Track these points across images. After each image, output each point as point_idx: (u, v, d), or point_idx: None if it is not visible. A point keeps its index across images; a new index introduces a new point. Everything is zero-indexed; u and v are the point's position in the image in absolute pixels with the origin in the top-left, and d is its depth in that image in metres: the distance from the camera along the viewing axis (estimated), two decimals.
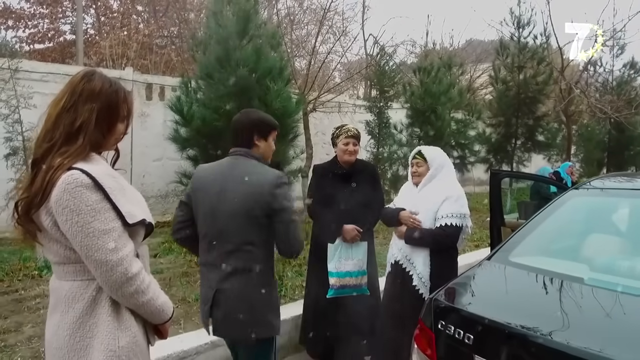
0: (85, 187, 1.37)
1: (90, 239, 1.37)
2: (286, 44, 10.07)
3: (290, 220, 2.10)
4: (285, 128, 5.69)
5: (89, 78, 1.50)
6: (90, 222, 1.37)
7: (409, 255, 2.97)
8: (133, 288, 1.43)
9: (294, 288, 4.75)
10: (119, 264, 1.40)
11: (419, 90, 9.82)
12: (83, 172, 1.38)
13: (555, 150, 12.33)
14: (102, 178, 1.42)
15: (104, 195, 1.41)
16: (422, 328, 1.96)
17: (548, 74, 11.10)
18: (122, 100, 1.56)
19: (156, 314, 1.54)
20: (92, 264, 1.39)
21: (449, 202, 2.88)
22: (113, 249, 1.39)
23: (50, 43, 16.56)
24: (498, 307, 1.89)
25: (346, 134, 3.33)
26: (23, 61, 6.60)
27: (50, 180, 1.37)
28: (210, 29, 5.50)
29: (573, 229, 2.65)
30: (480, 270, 2.30)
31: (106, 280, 1.40)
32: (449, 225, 2.84)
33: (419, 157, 3.09)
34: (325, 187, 3.33)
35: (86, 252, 1.38)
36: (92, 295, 1.44)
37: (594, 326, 1.69)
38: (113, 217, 1.42)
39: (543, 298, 1.96)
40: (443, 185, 2.99)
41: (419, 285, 2.90)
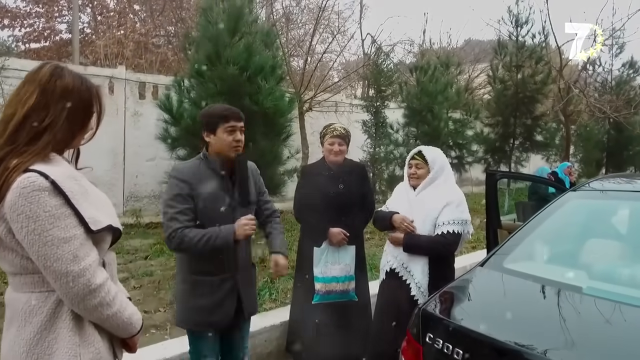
0: (43, 191, 1.26)
1: (48, 248, 1.26)
2: (282, 43, 9.95)
3: (161, 211, 2.28)
4: (277, 127, 5.57)
5: (59, 74, 1.39)
6: (48, 229, 1.26)
7: (405, 263, 2.80)
8: (97, 300, 1.33)
9: (285, 291, 4.65)
10: (80, 275, 1.29)
11: (416, 89, 9.73)
12: (41, 174, 1.27)
13: (553, 150, 12.27)
14: (63, 181, 1.30)
15: (65, 200, 1.29)
16: (410, 340, 1.84)
17: (546, 73, 11.03)
18: (94, 97, 1.46)
19: (123, 328, 1.44)
20: (51, 275, 1.28)
21: (449, 208, 2.72)
22: (74, 259, 1.28)
23: (46, 42, 16.45)
24: (490, 320, 1.77)
25: (332, 133, 3.20)
26: (11, 59, 6.48)
27: (5, 183, 1.26)
28: (201, 26, 5.39)
29: (571, 233, 2.54)
30: (473, 277, 2.18)
31: (67, 293, 1.30)
32: (450, 232, 2.68)
33: (419, 158, 2.89)
34: (312, 189, 3.21)
35: (44, 262, 1.27)
36: (52, 309, 1.33)
37: (594, 343, 1.57)
38: (74, 224, 1.31)
39: (539, 310, 1.84)
40: (443, 189, 2.82)
41: (418, 294, 2.73)
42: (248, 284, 2.42)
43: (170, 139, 5.43)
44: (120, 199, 8.24)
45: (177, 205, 2.17)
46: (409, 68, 10.93)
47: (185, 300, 2.34)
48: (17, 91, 1.38)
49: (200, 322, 2.31)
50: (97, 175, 7.78)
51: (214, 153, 2.27)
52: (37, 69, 1.40)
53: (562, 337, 1.61)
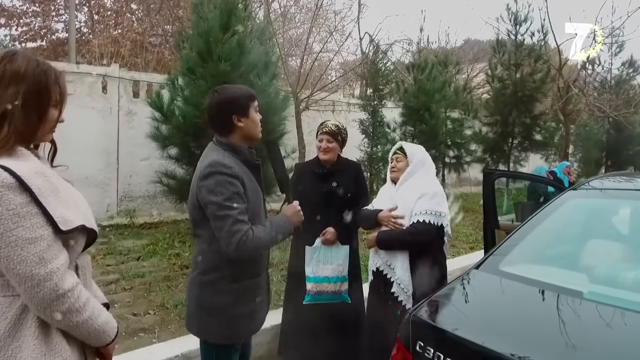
0: (8, 187, 1.18)
1: (12, 249, 1.17)
2: (278, 41, 9.86)
3: (216, 215, 1.85)
4: (271, 125, 5.47)
5: (10, 58, 1.29)
6: (12, 229, 1.17)
7: (388, 260, 2.76)
8: (65, 307, 1.24)
9: (279, 293, 4.55)
10: (47, 279, 1.20)
11: (413, 87, 9.64)
12: (6, 169, 1.19)
13: (552, 149, 12.18)
14: (30, 177, 1.21)
15: (31, 198, 1.21)
16: (399, 348, 1.73)
17: (545, 72, 10.94)
18: (52, 82, 1.34)
19: (95, 336, 1.34)
20: (15, 278, 1.20)
21: (424, 198, 2.71)
22: (40, 261, 1.20)
23: (42, 41, 16.35)
24: (485, 328, 1.66)
25: (321, 130, 3.13)
26: None
27: None
28: (193, 22, 5.29)
29: (570, 234, 2.44)
30: (467, 281, 2.06)
31: (31, 298, 1.21)
32: (420, 221, 2.64)
33: (400, 152, 2.94)
34: (304, 187, 3.11)
35: (7, 264, 1.18)
36: (16, 315, 1.24)
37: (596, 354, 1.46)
38: (41, 224, 1.22)
39: (537, 318, 1.72)
40: (421, 182, 2.82)
41: (398, 291, 2.68)
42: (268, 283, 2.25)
43: (162, 137, 5.32)
44: (114, 199, 8.12)
45: (239, 205, 1.88)
46: (407, 67, 10.83)
47: (226, 313, 1.99)
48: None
49: (243, 332, 2.09)
50: (91, 175, 7.68)
51: (241, 140, 2.02)
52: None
53: (562, 348, 1.50)
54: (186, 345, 3.07)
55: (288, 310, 3.32)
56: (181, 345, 3.11)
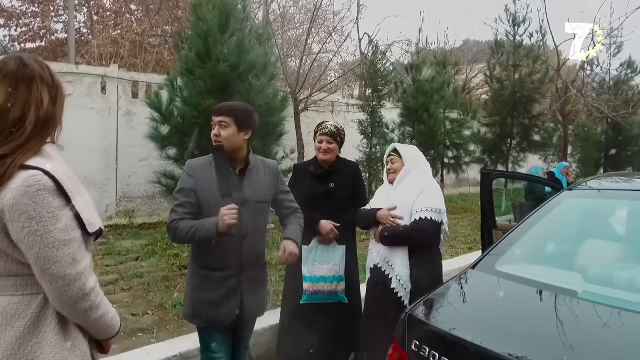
0: (48, 191, 1.24)
1: (49, 250, 1.23)
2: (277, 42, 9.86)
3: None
4: (270, 126, 5.48)
5: (25, 63, 1.35)
6: (51, 230, 1.23)
7: (387, 257, 2.79)
8: (87, 304, 1.31)
9: (277, 294, 4.55)
10: (77, 279, 1.27)
11: (412, 88, 9.65)
12: (45, 173, 1.25)
13: (551, 150, 12.18)
14: (65, 181, 1.28)
15: (66, 201, 1.28)
16: (396, 347, 1.74)
17: (544, 72, 10.96)
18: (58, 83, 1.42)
19: (104, 330, 1.42)
20: (48, 278, 1.25)
21: (424, 196, 2.75)
22: (72, 262, 1.27)
23: (42, 42, 16.34)
24: (480, 327, 1.67)
25: (321, 131, 3.15)
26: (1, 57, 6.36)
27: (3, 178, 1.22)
28: (192, 23, 5.29)
29: (566, 234, 2.45)
30: (463, 281, 2.07)
31: (60, 296, 1.27)
32: (422, 218, 2.69)
33: (394, 154, 2.98)
34: (303, 187, 3.12)
35: (43, 264, 1.23)
36: (36, 312, 1.29)
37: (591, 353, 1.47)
38: (74, 226, 1.30)
39: (533, 317, 1.73)
40: (418, 181, 2.86)
41: (398, 287, 2.71)
42: (255, 284, 2.38)
43: (161, 138, 5.33)
44: (113, 200, 8.13)
45: (180, 198, 2.27)
46: (405, 67, 10.83)
47: (193, 295, 2.34)
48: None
49: (206, 318, 2.31)
50: (90, 175, 7.67)
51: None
52: (3, 63, 1.35)
53: (557, 347, 1.51)
54: (185, 345, 3.09)
55: (286, 309, 3.33)
56: (180, 345, 3.12)
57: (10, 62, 1.35)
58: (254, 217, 2.33)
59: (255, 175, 2.38)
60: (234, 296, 2.29)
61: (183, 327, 3.73)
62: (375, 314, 2.82)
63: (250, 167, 2.37)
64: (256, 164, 2.42)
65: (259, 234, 2.38)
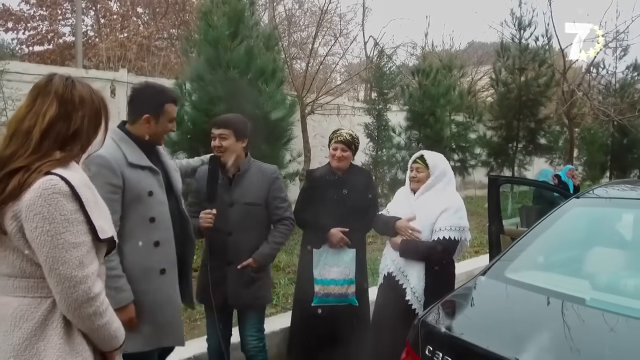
0: (63, 195, 1.31)
1: (58, 251, 1.29)
2: (284, 46, 9.93)
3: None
4: (278, 131, 5.55)
5: (73, 85, 1.45)
6: (61, 232, 1.30)
7: (402, 267, 2.79)
8: (92, 309, 1.35)
9: (286, 297, 4.61)
10: (82, 282, 1.32)
11: (418, 92, 9.68)
12: (62, 178, 1.32)
13: (557, 153, 12.17)
14: (80, 187, 1.36)
15: (80, 206, 1.34)
16: (409, 351, 1.80)
17: (550, 76, 10.94)
18: (102, 103, 1.52)
19: (108, 340, 1.45)
20: (55, 278, 1.31)
21: (447, 213, 2.70)
22: (80, 265, 1.32)
23: (49, 45, 16.49)
24: (492, 334, 1.73)
25: (336, 139, 3.20)
26: (11, 62, 6.47)
27: (25, 183, 1.30)
28: (202, 29, 5.36)
29: (574, 242, 2.49)
30: (474, 287, 2.13)
31: (66, 298, 1.32)
32: (446, 238, 2.66)
33: (420, 162, 2.90)
34: (316, 193, 3.19)
35: (51, 264, 1.30)
36: (44, 315, 1.34)
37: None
38: (85, 231, 1.36)
39: (541, 324, 1.79)
40: (442, 195, 2.80)
41: (412, 300, 2.72)
42: (243, 277, 2.66)
43: (171, 142, 5.40)
44: None
45: (189, 199, 2.69)
46: (411, 71, 10.86)
47: (198, 279, 2.80)
48: (31, 103, 1.41)
49: (201, 299, 2.76)
50: None
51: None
52: (47, 81, 1.44)
53: (566, 353, 1.57)
54: (197, 348, 3.14)
55: (296, 311, 3.38)
56: (193, 347, 3.17)
57: (55, 81, 1.44)
58: (242, 217, 2.63)
59: (246, 179, 2.67)
60: (222, 284, 2.64)
61: (195, 329, 3.79)
62: (385, 321, 2.84)
63: (241, 172, 2.65)
64: (250, 169, 2.70)
65: (248, 233, 2.65)
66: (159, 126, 2.18)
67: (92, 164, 1.99)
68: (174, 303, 2.24)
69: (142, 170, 2.11)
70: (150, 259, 2.11)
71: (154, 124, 2.16)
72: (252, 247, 2.68)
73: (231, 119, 2.70)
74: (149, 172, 2.13)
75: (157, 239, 2.11)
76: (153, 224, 2.10)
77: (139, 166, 2.10)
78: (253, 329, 2.82)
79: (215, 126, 2.63)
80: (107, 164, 2.00)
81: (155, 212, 2.11)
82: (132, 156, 2.09)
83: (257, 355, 2.85)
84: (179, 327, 2.28)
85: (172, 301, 2.22)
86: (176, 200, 2.29)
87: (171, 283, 2.21)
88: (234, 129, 2.60)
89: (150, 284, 2.12)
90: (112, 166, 2.01)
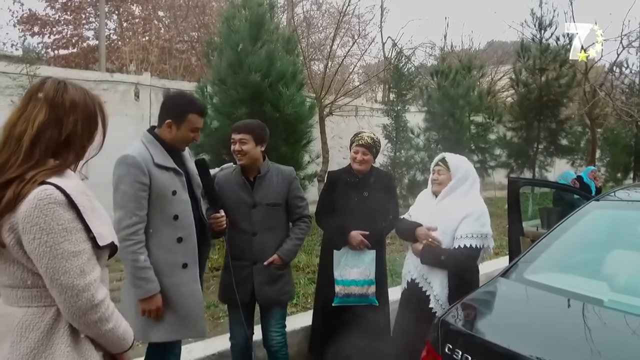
0: (59, 204, 1.28)
1: (58, 261, 1.27)
2: (302, 48, 10.00)
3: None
4: (298, 133, 5.63)
5: (64, 89, 1.41)
6: (60, 242, 1.28)
7: (425, 274, 2.78)
8: (97, 316, 1.34)
9: (306, 296, 4.68)
10: (85, 290, 1.31)
11: (437, 94, 9.65)
12: (57, 187, 1.29)
13: (579, 154, 11.98)
14: (77, 195, 1.33)
15: (77, 215, 1.32)
16: (429, 350, 1.85)
17: (571, 76, 10.79)
18: (97, 107, 1.48)
19: (116, 343, 1.44)
20: (57, 288, 1.29)
21: (469, 220, 2.65)
22: (81, 273, 1.30)
23: (74, 49, 16.86)
24: (511, 333, 1.76)
25: (357, 142, 3.22)
26: (41, 67, 6.68)
27: (20, 194, 1.27)
28: (223, 33, 5.48)
29: (593, 244, 2.50)
30: (494, 288, 2.17)
31: (69, 307, 1.30)
32: (467, 247, 2.61)
33: (442, 164, 2.87)
34: (336, 195, 3.24)
35: (52, 274, 1.28)
36: (49, 324, 1.33)
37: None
38: (84, 239, 1.33)
39: (560, 324, 1.82)
40: (465, 199, 2.75)
41: (436, 307, 2.70)
42: (267, 274, 2.77)
43: (194, 144, 5.53)
44: None
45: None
46: (430, 72, 10.84)
47: (221, 279, 2.95)
48: (22, 108, 1.38)
49: (224, 297, 2.89)
50: None
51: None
52: (40, 85, 1.41)
53: (584, 353, 1.60)
54: (221, 345, 3.22)
55: (317, 311, 3.44)
56: (217, 344, 3.27)
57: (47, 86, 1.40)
58: (266, 218, 2.76)
59: (267, 181, 2.78)
60: (247, 282, 2.74)
61: (218, 327, 3.89)
62: (408, 325, 2.83)
63: (261, 174, 2.76)
64: (269, 171, 2.81)
65: (271, 232, 2.79)
66: (179, 133, 2.31)
67: (124, 164, 2.19)
68: (197, 296, 2.37)
69: (167, 171, 2.27)
70: (174, 254, 2.27)
71: (176, 130, 2.31)
72: (275, 245, 2.81)
73: (251, 124, 2.83)
74: (173, 173, 2.29)
75: (180, 235, 2.28)
76: (176, 221, 2.27)
77: (164, 167, 2.27)
78: (278, 325, 2.91)
79: (236, 131, 2.75)
80: (137, 164, 2.18)
81: (178, 210, 2.27)
82: (158, 158, 2.26)
83: (280, 350, 2.94)
84: (201, 319, 2.41)
85: (195, 295, 2.36)
86: (196, 203, 2.43)
87: (193, 277, 2.35)
88: (254, 134, 2.72)
89: (173, 277, 2.27)
90: (141, 166, 2.19)
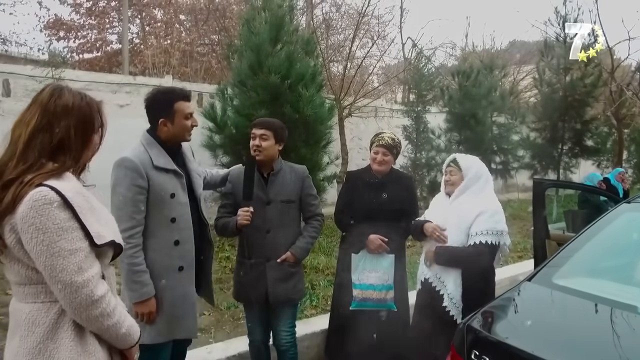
0: (53, 204, 1.33)
1: (55, 259, 1.32)
2: (322, 49, 10.00)
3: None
4: (318, 134, 5.62)
5: (59, 94, 1.45)
6: (56, 241, 1.32)
7: (439, 273, 2.78)
8: (98, 311, 1.38)
9: (325, 298, 4.66)
10: (84, 286, 1.35)
11: (458, 94, 9.54)
12: (52, 189, 1.34)
13: (605, 155, 11.67)
14: (72, 196, 1.37)
15: (73, 214, 1.36)
16: (454, 355, 1.81)
17: (597, 75, 10.52)
18: (95, 112, 1.51)
19: (122, 339, 1.48)
20: (56, 285, 1.34)
21: (483, 217, 2.65)
22: (78, 270, 1.34)
23: (98, 52, 17.23)
24: (539, 339, 1.71)
25: (377, 142, 3.17)
26: (66, 70, 6.82)
27: (18, 196, 1.33)
28: (243, 36, 5.51)
29: (624, 248, 2.41)
30: (520, 293, 2.11)
31: (70, 303, 1.35)
32: (482, 243, 2.61)
33: (454, 165, 2.88)
34: (355, 195, 3.20)
35: (50, 272, 1.33)
36: (54, 319, 1.39)
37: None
38: (80, 237, 1.37)
39: (591, 331, 1.76)
40: (478, 198, 2.75)
41: (450, 306, 2.70)
42: (281, 271, 2.76)
43: (215, 146, 5.58)
44: None
45: (222, 201, 2.84)
46: (451, 72, 10.71)
47: (235, 278, 2.96)
48: (23, 113, 1.44)
49: (239, 295, 2.93)
50: None
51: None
52: (40, 91, 1.47)
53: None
54: (242, 346, 3.22)
55: (335, 314, 3.40)
56: (237, 345, 3.28)
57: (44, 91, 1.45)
58: (279, 215, 2.75)
59: (280, 178, 2.78)
60: (262, 280, 2.72)
61: (238, 327, 3.90)
62: (424, 326, 2.82)
63: (275, 171, 2.76)
64: (282, 168, 2.81)
65: (284, 229, 2.78)
66: (176, 126, 2.28)
67: (121, 167, 2.20)
68: (189, 299, 2.39)
69: (166, 173, 2.27)
70: (170, 256, 2.28)
71: (171, 125, 2.27)
72: (288, 243, 2.80)
73: (273, 122, 2.84)
74: (173, 175, 2.29)
75: (177, 238, 2.28)
76: (174, 224, 2.27)
77: (164, 169, 2.26)
78: (288, 324, 2.90)
79: (258, 126, 2.75)
80: (135, 167, 2.18)
81: (176, 213, 2.27)
82: (158, 160, 2.25)
83: (289, 349, 2.92)
84: (192, 320, 2.42)
85: (188, 297, 2.37)
86: (196, 203, 2.42)
87: (188, 280, 2.36)
88: (275, 131, 2.73)
89: (168, 280, 2.28)
90: (138, 169, 2.19)
